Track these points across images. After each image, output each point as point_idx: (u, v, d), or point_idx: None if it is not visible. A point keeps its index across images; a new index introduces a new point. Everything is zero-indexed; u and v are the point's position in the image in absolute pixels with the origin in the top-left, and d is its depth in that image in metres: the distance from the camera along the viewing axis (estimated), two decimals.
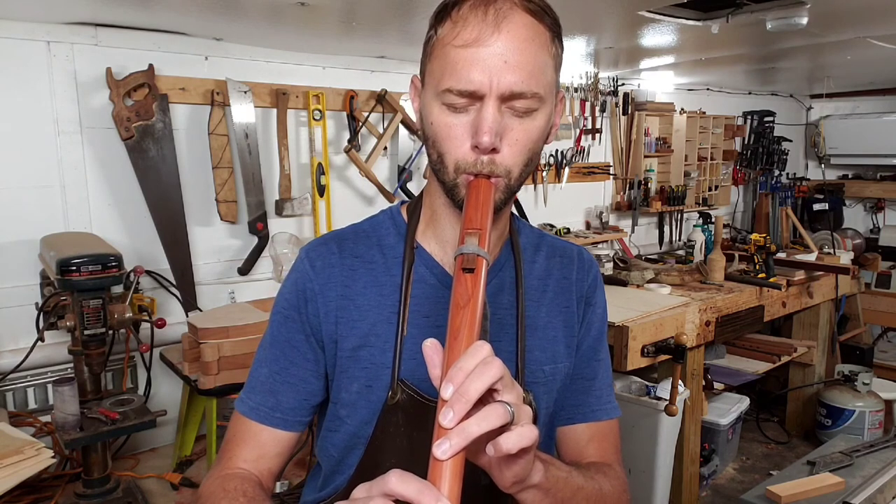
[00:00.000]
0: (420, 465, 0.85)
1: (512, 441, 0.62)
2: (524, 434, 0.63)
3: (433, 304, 0.90)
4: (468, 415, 0.60)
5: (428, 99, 0.83)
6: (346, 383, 0.89)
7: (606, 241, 4.10)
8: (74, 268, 1.72)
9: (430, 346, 0.66)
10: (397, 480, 0.59)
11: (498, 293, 0.93)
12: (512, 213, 0.97)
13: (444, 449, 0.59)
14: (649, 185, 4.35)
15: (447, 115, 0.80)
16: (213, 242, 2.63)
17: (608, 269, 3.35)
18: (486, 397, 0.64)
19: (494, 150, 0.79)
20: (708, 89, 4.75)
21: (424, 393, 0.86)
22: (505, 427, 0.62)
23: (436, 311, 0.89)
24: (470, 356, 0.63)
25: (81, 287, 1.74)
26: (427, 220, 0.93)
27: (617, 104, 4.16)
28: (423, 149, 0.89)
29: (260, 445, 0.91)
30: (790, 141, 5.34)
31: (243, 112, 2.57)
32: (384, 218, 0.97)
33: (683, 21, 2.35)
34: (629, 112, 4.20)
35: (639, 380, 2.77)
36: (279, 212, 2.74)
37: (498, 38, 0.75)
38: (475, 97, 0.77)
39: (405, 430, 0.87)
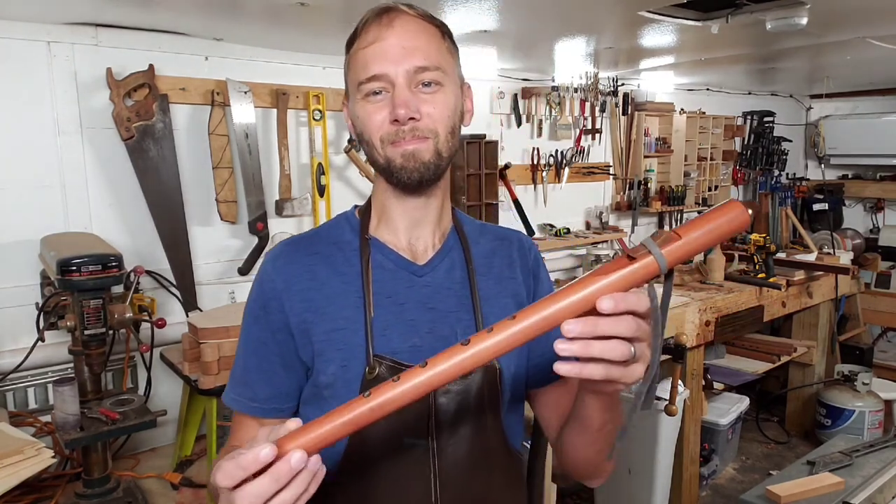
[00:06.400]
0: (406, 433, 0.92)
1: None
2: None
3: (394, 286, 0.97)
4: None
5: (352, 102, 0.95)
6: (324, 366, 0.95)
7: (606, 241, 4.10)
8: (75, 268, 1.72)
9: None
10: (222, 476, 0.66)
11: (451, 269, 1.01)
12: (454, 207, 1.08)
13: (563, 347, 0.65)
14: (649, 185, 4.35)
15: (367, 106, 0.91)
16: (214, 242, 2.63)
17: None
18: None
19: (414, 120, 0.89)
20: (708, 89, 4.75)
21: (404, 361, 0.92)
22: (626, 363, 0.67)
23: (397, 291, 0.97)
24: (635, 296, 0.66)
25: (81, 287, 1.74)
26: (378, 216, 1.02)
27: (617, 104, 4.16)
28: None
29: (247, 431, 1.00)
30: (790, 141, 5.34)
31: (243, 112, 2.57)
32: (340, 220, 1.06)
33: (683, 21, 2.36)
34: (629, 112, 4.20)
35: None
36: (279, 212, 2.74)
37: (392, 32, 0.90)
38: (386, 81, 0.89)
39: None
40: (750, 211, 0.72)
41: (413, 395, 0.67)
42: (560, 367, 0.66)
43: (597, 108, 4.00)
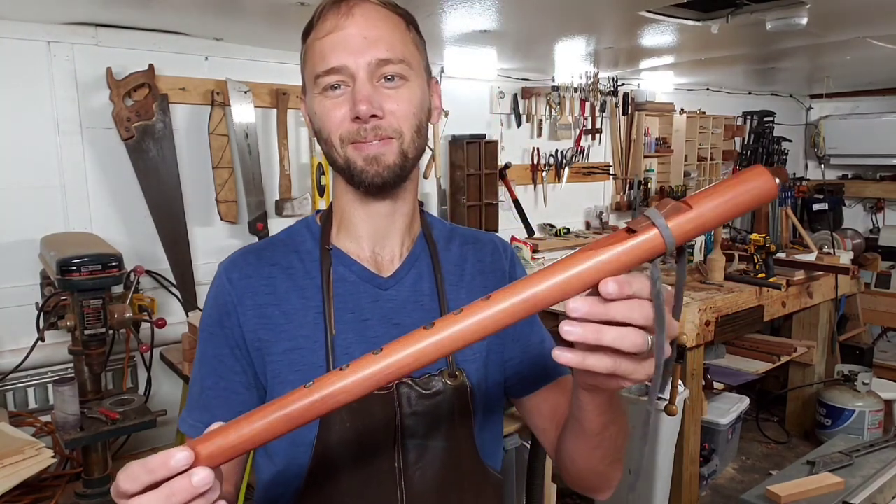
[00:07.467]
0: (372, 455, 0.86)
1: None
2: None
3: (357, 300, 0.90)
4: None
5: (310, 98, 0.88)
6: (280, 389, 0.87)
7: None
8: (75, 268, 1.72)
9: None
10: (125, 478, 0.56)
11: (418, 281, 0.94)
12: (422, 210, 1.00)
13: (569, 330, 0.54)
14: (649, 185, 4.35)
15: (325, 101, 0.85)
16: (214, 242, 2.63)
17: None
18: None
19: (376, 117, 0.82)
20: (708, 89, 4.75)
21: None
22: (638, 355, 0.57)
23: (360, 306, 0.90)
24: (636, 279, 0.55)
25: (81, 287, 1.74)
26: (339, 222, 0.94)
27: (617, 104, 4.16)
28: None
29: None
30: (790, 141, 5.34)
31: (243, 112, 2.57)
32: (300, 227, 0.98)
33: (683, 21, 2.36)
34: (629, 112, 4.20)
35: None
36: (279, 212, 2.74)
37: (353, 21, 0.83)
38: (346, 74, 0.83)
39: (351, 425, 0.86)
40: (778, 179, 0.58)
41: (364, 388, 0.57)
42: (560, 355, 0.56)
43: (597, 108, 4.00)
